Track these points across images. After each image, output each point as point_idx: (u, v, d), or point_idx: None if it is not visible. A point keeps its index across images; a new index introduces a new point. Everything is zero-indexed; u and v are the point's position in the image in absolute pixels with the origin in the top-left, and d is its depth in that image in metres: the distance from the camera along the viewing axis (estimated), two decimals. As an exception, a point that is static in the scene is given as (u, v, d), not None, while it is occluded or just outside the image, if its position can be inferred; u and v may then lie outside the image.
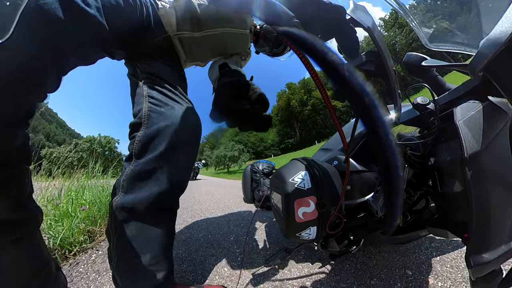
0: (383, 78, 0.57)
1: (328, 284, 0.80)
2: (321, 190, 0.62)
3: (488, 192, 0.44)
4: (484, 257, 0.44)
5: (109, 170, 2.43)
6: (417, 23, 0.72)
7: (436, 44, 0.70)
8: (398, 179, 0.25)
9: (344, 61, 0.24)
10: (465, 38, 0.66)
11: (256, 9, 0.28)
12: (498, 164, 0.45)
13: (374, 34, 0.52)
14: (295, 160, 0.73)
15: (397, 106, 0.63)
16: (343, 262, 0.93)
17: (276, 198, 0.71)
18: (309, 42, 0.26)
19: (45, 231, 1.12)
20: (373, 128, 0.24)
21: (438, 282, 0.74)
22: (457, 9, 0.72)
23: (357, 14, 0.53)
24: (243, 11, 0.29)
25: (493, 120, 0.46)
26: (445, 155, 0.55)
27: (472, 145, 0.44)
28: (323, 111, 50.68)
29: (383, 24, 47.71)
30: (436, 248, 0.95)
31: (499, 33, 0.39)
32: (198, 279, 0.90)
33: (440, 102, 0.61)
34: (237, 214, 1.97)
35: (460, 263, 0.83)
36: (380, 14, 63.41)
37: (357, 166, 0.73)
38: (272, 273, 0.91)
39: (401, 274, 0.80)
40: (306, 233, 0.61)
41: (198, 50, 0.77)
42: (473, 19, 0.63)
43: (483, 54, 0.42)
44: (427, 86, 0.65)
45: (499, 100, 0.48)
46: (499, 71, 0.43)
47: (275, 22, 0.30)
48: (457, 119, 0.47)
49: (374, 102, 0.23)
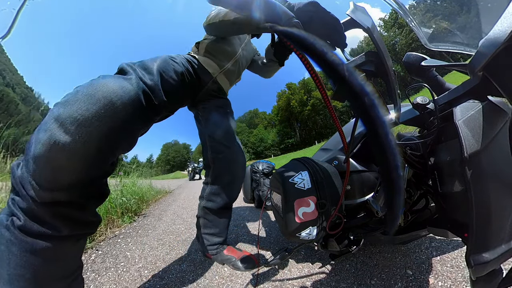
0: (383, 78, 0.57)
1: (328, 284, 0.80)
2: (321, 190, 0.62)
3: (488, 192, 0.44)
4: (484, 256, 0.44)
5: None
6: (417, 23, 0.72)
7: (436, 44, 0.71)
8: (399, 179, 0.25)
9: (344, 61, 0.24)
10: (464, 38, 0.66)
11: (256, 9, 0.28)
12: (498, 163, 0.45)
13: (374, 35, 0.52)
14: (295, 160, 0.73)
15: (397, 106, 0.63)
16: (343, 262, 0.93)
17: (276, 198, 0.71)
18: (309, 42, 0.26)
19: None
20: (373, 128, 0.24)
21: (438, 281, 0.74)
22: (457, 9, 0.72)
23: (357, 15, 0.53)
24: (243, 11, 0.29)
25: (492, 119, 0.46)
26: (445, 154, 0.55)
27: (472, 144, 0.44)
28: (323, 111, 50.64)
29: (382, 24, 47.74)
30: (436, 247, 0.95)
31: (498, 33, 0.39)
32: (198, 279, 0.90)
33: (440, 102, 0.61)
34: (237, 214, 1.97)
35: (460, 262, 0.83)
36: (379, 14, 63.47)
37: (357, 166, 0.73)
38: (272, 273, 0.91)
39: (401, 274, 0.80)
40: (306, 233, 0.61)
41: (241, 69, 0.98)
42: (472, 19, 0.63)
43: (482, 54, 0.42)
44: (427, 86, 0.65)
45: (498, 99, 0.48)
46: (498, 70, 0.44)
47: (275, 22, 0.30)
48: (457, 119, 0.47)
49: (374, 102, 0.23)
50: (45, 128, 0.40)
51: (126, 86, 0.48)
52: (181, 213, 2.26)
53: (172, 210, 2.41)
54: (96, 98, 0.42)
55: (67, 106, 0.41)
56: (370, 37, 0.52)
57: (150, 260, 1.12)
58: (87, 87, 0.44)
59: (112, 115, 0.44)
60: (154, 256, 1.16)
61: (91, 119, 0.41)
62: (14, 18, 0.67)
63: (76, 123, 0.40)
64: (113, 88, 0.45)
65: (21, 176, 0.42)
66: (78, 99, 0.42)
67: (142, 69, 0.59)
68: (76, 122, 0.40)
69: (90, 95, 0.42)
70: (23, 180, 0.42)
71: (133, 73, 0.55)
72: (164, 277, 0.93)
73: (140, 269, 1.02)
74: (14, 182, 0.43)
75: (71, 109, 0.40)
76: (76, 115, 0.40)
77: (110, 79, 0.47)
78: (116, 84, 0.47)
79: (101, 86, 0.44)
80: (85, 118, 0.40)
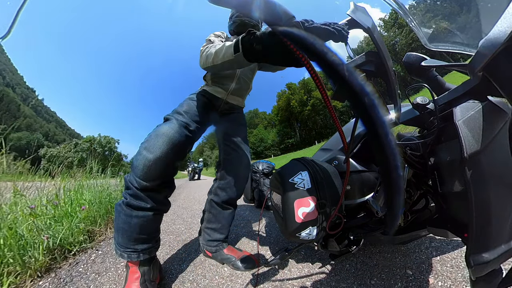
0: (383, 78, 0.58)
1: (328, 284, 0.80)
2: (321, 190, 0.62)
3: (488, 192, 0.44)
4: (484, 256, 0.44)
5: (107, 170, 2.42)
6: (417, 23, 0.72)
7: (436, 44, 0.71)
8: (398, 179, 0.25)
9: (344, 61, 0.24)
10: (464, 38, 0.66)
11: (256, 9, 0.28)
12: (497, 163, 0.45)
13: (374, 35, 0.52)
14: (295, 160, 0.73)
15: (397, 106, 0.63)
16: (343, 262, 0.93)
17: (276, 198, 0.71)
18: (309, 42, 0.26)
19: (45, 230, 1.11)
20: (373, 128, 0.24)
21: (438, 281, 0.74)
22: (457, 9, 0.72)
23: (357, 15, 0.53)
24: (243, 11, 0.29)
25: (492, 119, 0.46)
26: (445, 155, 0.55)
27: (472, 145, 0.44)
28: (323, 111, 50.61)
29: (382, 25, 47.70)
30: (436, 247, 0.95)
31: (498, 33, 0.39)
32: (198, 279, 0.90)
33: (440, 102, 0.61)
34: (237, 214, 1.96)
35: (460, 262, 0.83)
36: (379, 14, 63.42)
37: (357, 166, 0.73)
38: (272, 273, 0.91)
39: (401, 274, 0.80)
40: (306, 233, 0.61)
41: (247, 81, 1.11)
42: (472, 19, 0.63)
43: (482, 54, 0.42)
44: (427, 86, 0.65)
45: (498, 99, 0.48)
46: (498, 70, 0.44)
47: (275, 22, 0.30)
48: (457, 119, 0.47)
49: (374, 102, 0.23)
50: (140, 153, 0.78)
51: (174, 128, 0.82)
52: (181, 213, 2.26)
53: (172, 210, 2.41)
54: (163, 137, 0.79)
55: (150, 142, 0.78)
56: (371, 37, 0.52)
57: (150, 260, 1.12)
58: (156, 131, 0.81)
59: (173, 144, 0.79)
60: (154, 256, 1.16)
61: (163, 148, 0.77)
62: (14, 18, 0.67)
63: (157, 150, 0.76)
64: (169, 132, 0.80)
65: (130, 178, 0.78)
66: (153, 139, 0.79)
67: (178, 114, 0.90)
68: (156, 149, 0.76)
69: (159, 135, 0.79)
70: (131, 179, 0.78)
71: (174, 119, 0.86)
72: (164, 277, 0.93)
73: (140, 269, 1.02)
74: (126, 181, 0.80)
75: (151, 143, 0.78)
76: (154, 148, 0.77)
77: (166, 126, 0.82)
78: (170, 128, 0.81)
79: (164, 130, 0.81)
80: (160, 147, 0.77)
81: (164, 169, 0.77)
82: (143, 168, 0.75)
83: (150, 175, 0.75)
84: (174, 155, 0.79)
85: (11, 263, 0.91)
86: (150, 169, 0.75)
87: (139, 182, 0.76)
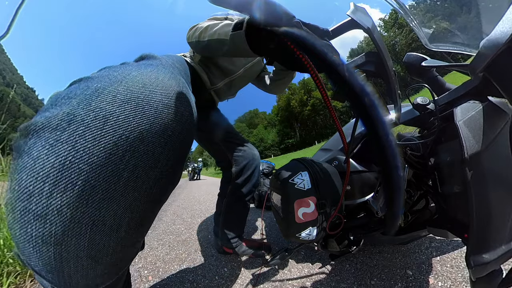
0: (383, 79, 0.57)
1: (328, 284, 0.80)
2: (321, 191, 0.62)
3: (488, 192, 0.44)
4: (484, 257, 0.44)
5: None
6: (417, 23, 0.72)
7: (436, 44, 0.70)
8: (399, 179, 0.25)
9: (344, 61, 0.24)
10: (465, 38, 0.66)
11: (256, 9, 0.28)
12: (498, 164, 0.45)
13: (374, 35, 0.52)
14: (295, 160, 0.73)
15: (397, 106, 0.63)
16: (343, 262, 0.93)
17: (276, 199, 0.71)
18: (309, 42, 0.26)
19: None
20: (373, 128, 0.24)
21: (438, 282, 0.74)
22: (457, 9, 0.72)
23: (357, 16, 0.53)
24: (243, 11, 0.29)
25: (493, 120, 0.46)
26: (445, 155, 0.55)
27: (472, 145, 0.44)
28: (323, 111, 50.60)
29: (382, 25, 47.67)
30: (436, 248, 0.95)
31: (500, 34, 0.39)
32: (198, 279, 0.90)
33: (440, 102, 0.61)
34: (237, 214, 1.96)
35: (460, 263, 0.83)
36: (379, 14, 63.43)
37: (357, 166, 0.73)
38: (272, 273, 0.91)
39: (401, 274, 0.80)
40: (306, 233, 0.61)
41: (236, 89, 1.00)
42: (473, 19, 0.63)
43: (483, 55, 0.42)
44: (427, 86, 0.65)
45: (499, 100, 0.48)
46: (499, 71, 0.43)
47: (275, 22, 0.30)
48: (457, 119, 0.47)
49: (374, 102, 0.23)
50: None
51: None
52: (181, 213, 2.26)
53: (172, 210, 2.41)
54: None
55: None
56: (371, 37, 0.52)
57: (150, 260, 1.12)
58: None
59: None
60: (154, 256, 1.16)
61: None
62: (13, 18, 0.67)
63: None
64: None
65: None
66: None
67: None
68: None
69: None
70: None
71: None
72: (164, 277, 0.93)
73: (140, 269, 1.02)
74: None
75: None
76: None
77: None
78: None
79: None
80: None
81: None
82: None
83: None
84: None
85: (11, 263, 0.91)
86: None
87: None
